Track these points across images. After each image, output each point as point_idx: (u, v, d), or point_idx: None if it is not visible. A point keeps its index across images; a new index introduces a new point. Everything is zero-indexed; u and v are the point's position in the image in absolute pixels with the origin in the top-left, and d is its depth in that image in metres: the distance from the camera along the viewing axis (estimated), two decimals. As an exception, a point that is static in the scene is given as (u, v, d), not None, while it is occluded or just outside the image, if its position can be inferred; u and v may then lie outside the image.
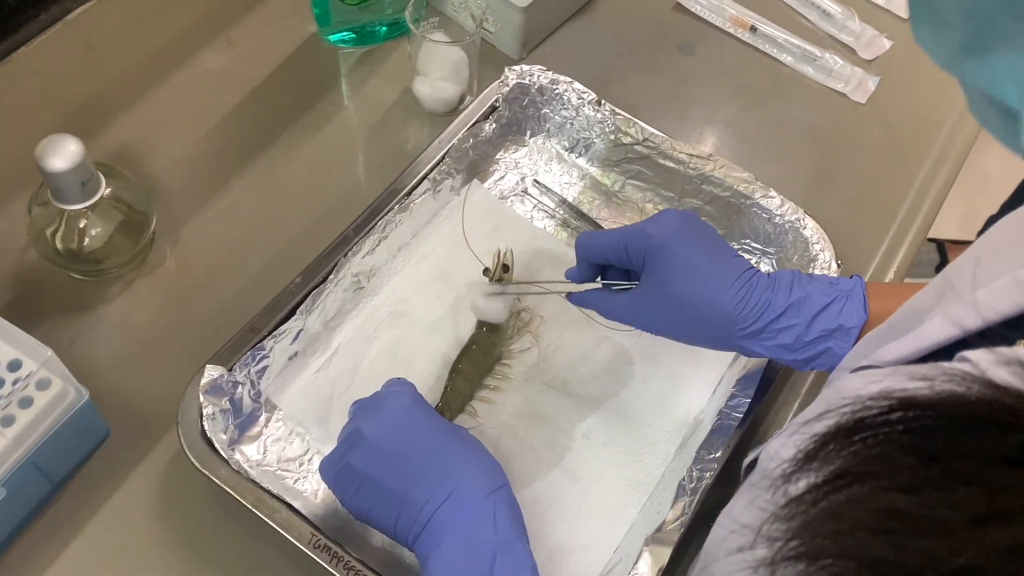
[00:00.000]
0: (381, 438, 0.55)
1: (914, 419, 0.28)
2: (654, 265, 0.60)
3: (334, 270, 0.69)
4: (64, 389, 0.59)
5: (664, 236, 0.60)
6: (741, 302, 0.58)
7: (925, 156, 0.90)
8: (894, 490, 0.27)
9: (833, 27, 0.97)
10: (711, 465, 0.63)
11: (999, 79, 0.27)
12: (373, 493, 0.55)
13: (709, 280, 0.59)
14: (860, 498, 0.27)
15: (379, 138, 0.84)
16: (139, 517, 0.64)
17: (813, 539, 0.27)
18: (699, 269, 0.59)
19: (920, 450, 0.27)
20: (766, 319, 0.58)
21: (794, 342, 0.58)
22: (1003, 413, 0.26)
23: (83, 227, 0.69)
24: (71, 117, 0.81)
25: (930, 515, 0.25)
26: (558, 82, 0.81)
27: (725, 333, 0.59)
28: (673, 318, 0.60)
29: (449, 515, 0.53)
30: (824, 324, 0.58)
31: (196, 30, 0.88)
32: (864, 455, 0.28)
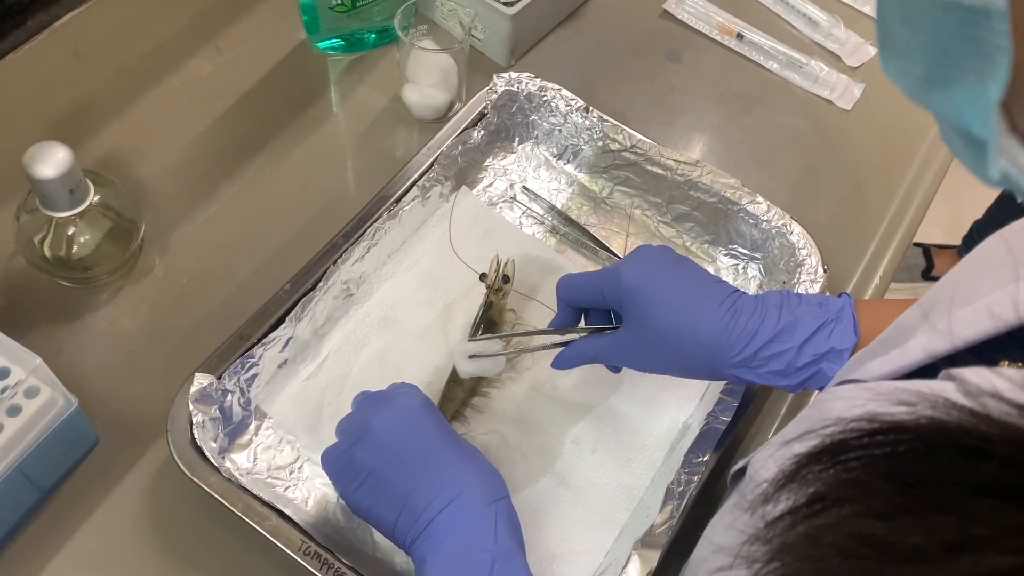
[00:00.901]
0: (390, 434, 0.55)
1: (894, 444, 0.28)
2: (631, 306, 0.60)
3: (323, 277, 0.69)
4: (53, 397, 0.59)
5: (638, 277, 0.60)
6: (727, 329, 0.58)
7: (911, 162, 0.91)
8: (870, 516, 0.27)
9: (819, 34, 0.98)
10: (699, 469, 0.64)
11: (962, 109, 0.27)
12: (376, 489, 0.55)
13: (691, 312, 0.58)
14: (836, 523, 0.28)
15: (368, 145, 0.85)
16: (128, 525, 0.64)
17: (791, 562, 0.28)
18: (679, 303, 0.59)
19: (897, 477, 0.27)
20: (755, 346, 0.58)
21: (785, 368, 0.58)
22: (980, 440, 0.26)
23: (71, 234, 0.69)
24: (59, 124, 0.81)
25: (903, 542, 0.25)
26: (546, 89, 0.81)
27: (715, 363, 0.59)
28: (661, 355, 0.60)
29: (450, 519, 0.53)
30: (815, 348, 0.57)
31: (184, 37, 0.88)
32: (842, 479, 0.29)
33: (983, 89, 0.25)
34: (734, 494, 0.49)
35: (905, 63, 0.29)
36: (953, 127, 0.29)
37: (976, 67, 0.25)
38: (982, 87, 0.25)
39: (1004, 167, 0.27)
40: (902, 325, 0.46)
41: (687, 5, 0.98)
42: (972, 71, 0.26)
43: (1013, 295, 0.38)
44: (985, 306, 0.38)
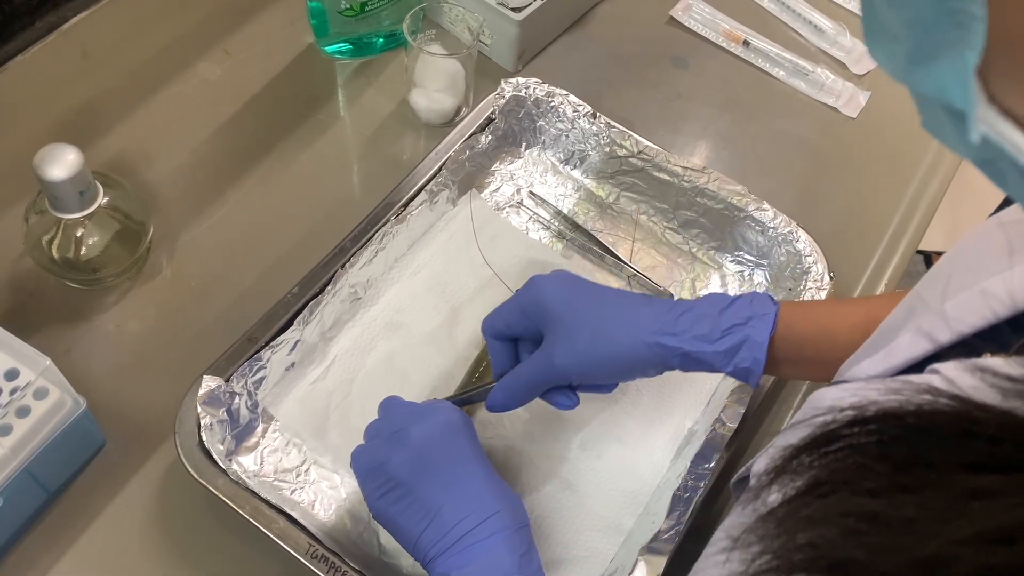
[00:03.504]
0: (429, 447, 0.55)
1: (885, 430, 0.29)
2: (552, 305, 0.60)
3: (331, 281, 0.69)
4: (62, 398, 0.59)
5: (551, 280, 0.61)
6: (647, 303, 0.59)
7: (916, 169, 0.91)
8: (864, 495, 0.28)
9: (825, 42, 0.98)
10: (705, 476, 0.64)
11: (945, 83, 0.28)
12: (404, 499, 0.54)
13: (610, 295, 0.60)
14: (831, 504, 0.28)
15: (375, 149, 0.85)
16: (135, 527, 0.64)
17: (786, 552, 0.28)
18: (596, 292, 0.61)
19: (890, 458, 0.28)
20: (677, 311, 0.58)
21: (710, 332, 0.58)
22: (968, 422, 0.27)
23: (80, 236, 0.69)
24: (67, 126, 0.81)
25: (898, 515, 0.26)
26: (554, 95, 0.81)
27: (638, 334, 0.58)
28: (589, 345, 0.59)
29: (482, 538, 0.53)
30: (736, 312, 0.58)
31: (193, 40, 0.89)
32: (835, 466, 0.29)
33: (962, 59, 0.27)
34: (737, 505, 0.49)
35: (891, 44, 0.30)
36: (936, 103, 0.30)
37: (955, 38, 0.27)
38: (961, 57, 0.27)
39: (984, 131, 0.28)
40: (888, 327, 0.46)
41: (694, 12, 0.98)
42: (952, 43, 0.27)
43: (1007, 282, 0.38)
44: (979, 294, 0.39)
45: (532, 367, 0.60)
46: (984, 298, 0.39)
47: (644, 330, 0.58)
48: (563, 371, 0.59)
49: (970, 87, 0.27)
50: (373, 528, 0.64)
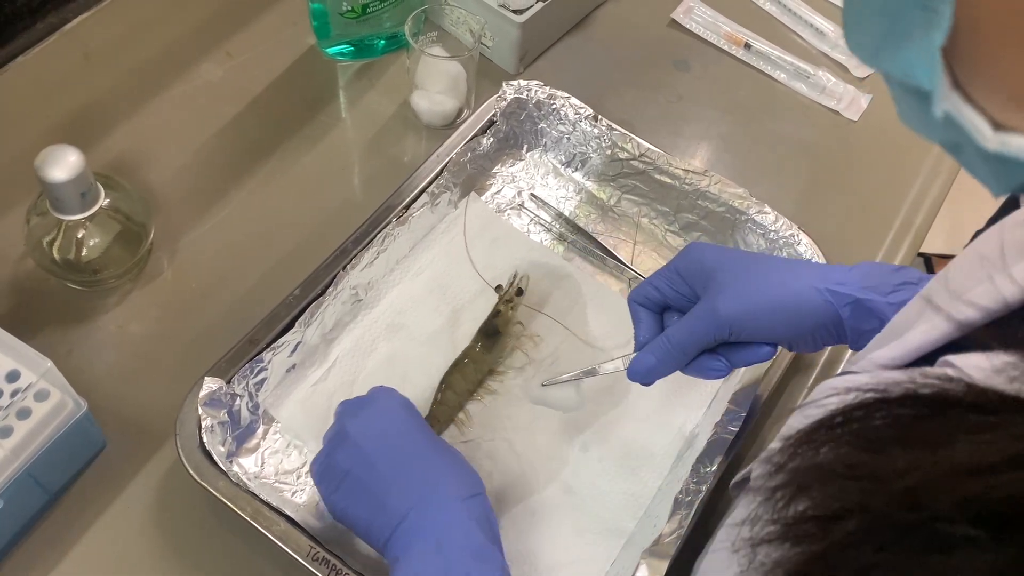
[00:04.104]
0: (365, 437, 0.56)
1: (891, 408, 0.30)
2: (713, 264, 0.57)
3: (333, 283, 0.69)
4: (63, 400, 0.59)
5: (708, 245, 0.60)
6: (811, 262, 0.58)
7: (917, 172, 0.91)
8: (860, 450, 0.29)
9: (826, 45, 0.98)
10: (707, 478, 0.64)
11: (912, 64, 0.30)
12: (353, 492, 0.55)
13: (771, 256, 0.60)
14: (829, 461, 0.30)
15: (377, 151, 0.85)
16: (136, 529, 0.64)
17: (785, 512, 0.29)
18: (757, 253, 0.60)
19: (892, 427, 0.29)
20: (844, 268, 0.56)
21: (880, 284, 0.55)
22: (977, 404, 0.28)
23: (81, 237, 0.69)
24: (69, 127, 0.81)
25: (889, 465, 0.28)
26: (555, 97, 0.81)
27: (809, 283, 0.56)
28: (751, 294, 0.56)
29: (420, 519, 0.52)
30: (908, 274, 0.56)
31: (195, 41, 0.89)
32: (840, 438, 0.30)
33: (928, 40, 0.29)
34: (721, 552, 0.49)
35: (864, 30, 0.33)
36: (904, 86, 0.32)
37: (924, 20, 0.29)
38: (927, 39, 0.29)
39: (946, 108, 0.30)
40: (899, 323, 0.46)
41: (695, 15, 0.98)
42: (920, 25, 0.29)
43: (1000, 284, 0.39)
44: (987, 279, 0.39)
45: (690, 320, 0.57)
46: (994, 286, 0.39)
47: (813, 279, 0.56)
48: (726, 319, 0.56)
49: (935, 66, 0.29)
50: (374, 530, 0.64)
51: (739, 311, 0.56)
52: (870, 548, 0.26)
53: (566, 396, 0.71)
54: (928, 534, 0.26)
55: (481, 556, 0.51)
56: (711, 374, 0.59)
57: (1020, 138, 0.29)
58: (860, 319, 0.55)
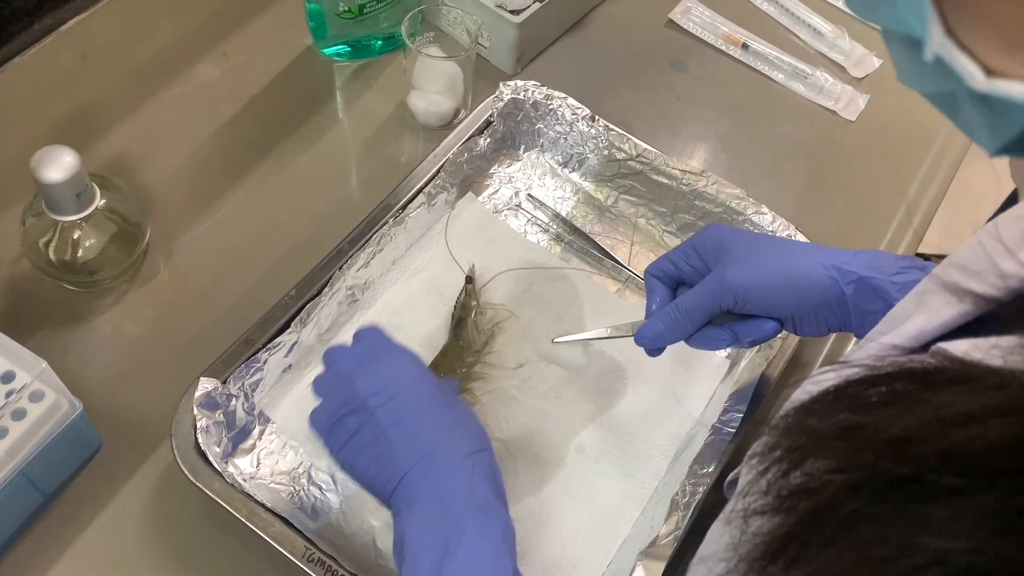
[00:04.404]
0: (374, 396, 0.55)
1: (884, 381, 0.31)
2: (729, 241, 0.59)
3: (329, 283, 0.69)
4: (58, 401, 0.59)
5: (726, 226, 0.62)
6: (823, 247, 0.59)
7: (915, 173, 0.91)
8: (851, 414, 0.30)
9: (824, 45, 0.98)
10: (704, 480, 0.63)
11: (904, 13, 0.32)
12: (359, 447, 0.55)
13: (785, 239, 0.61)
14: (821, 427, 0.31)
15: (373, 151, 0.85)
16: (131, 530, 0.63)
17: (781, 498, 0.30)
18: (772, 236, 0.62)
19: (883, 396, 0.30)
20: (852, 251, 0.58)
21: (887, 266, 0.56)
22: (970, 378, 0.29)
23: (77, 238, 0.69)
24: (65, 127, 0.81)
25: (876, 422, 0.29)
26: (552, 97, 0.81)
27: (818, 260, 0.57)
28: (759, 266, 0.58)
29: (424, 473, 0.53)
30: (914, 260, 0.57)
31: (191, 42, 0.89)
32: (833, 408, 0.31)
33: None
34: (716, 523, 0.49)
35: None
36: (900, 38, 0.34)
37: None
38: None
39: (938, 52, 0.31)
40: (903, 309, 0.46)
41: (693, 15, 0.98)
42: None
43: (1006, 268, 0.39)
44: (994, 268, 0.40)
45: (698, 289, 0.59)
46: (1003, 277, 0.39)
47: (820, 256, 0.58)
48: (732, 287, 0.58)
49: (926, 11, 0.30)
50: (369, 531, 0.64)
51: (745, 280, 0.58)
52: (856, 502, 0.27)
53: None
54: (913, 485, 0.26)
55: (484, 509, 0.52)
56: (716, 344, 0.61)
57: (1011, 82, 0.30)
58: (864, 298, 0.57)
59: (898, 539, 0.25)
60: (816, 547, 0.28)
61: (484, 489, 0.52)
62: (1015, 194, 0.49)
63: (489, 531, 0.51)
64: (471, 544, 0.50)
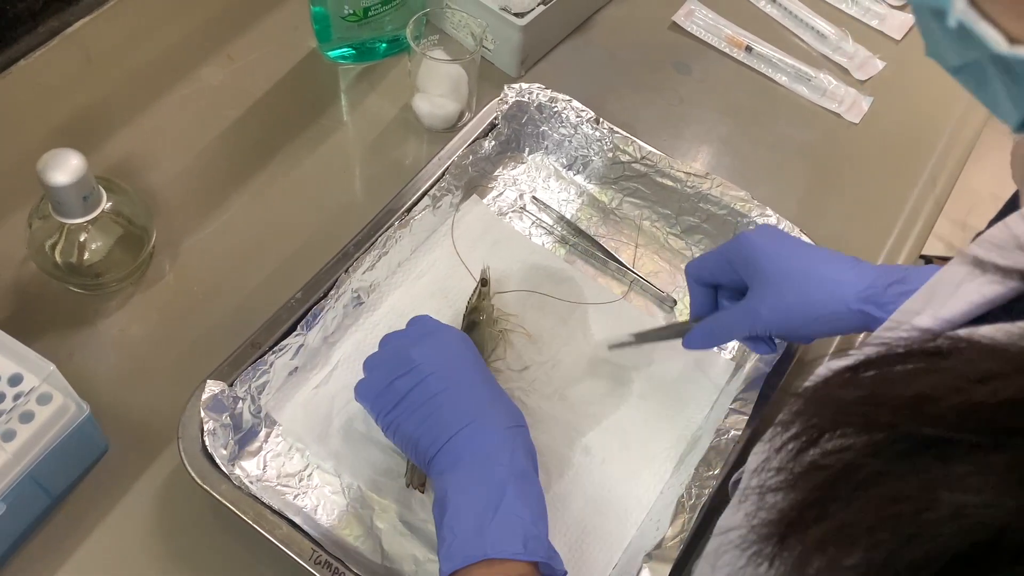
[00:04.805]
0: (427, 364, 0.60)
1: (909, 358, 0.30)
2: (759, 259, 0.62)
3: (335, 286, 0.69)
4: (65, 404, 0.59)
5: (760, 235, 0.63)
6: (853, 267, 0.60)
7: (918, 175, 0.91)
8: (867, 384, 0.31)
9: (827, 48, 0.98)
10: (710, 482, 0.64)
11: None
12: (407, 411, 0.59)
13: (818, 255, 0.62)
14: (842, 396, 0.31)
15: (378, 154, 0.85)
16: (138, 532, 0.64)
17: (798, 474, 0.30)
18: (804, 250, 0.62)
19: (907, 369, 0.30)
20: (883, 282, 0.58)
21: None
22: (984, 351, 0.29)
23: (83, 241, 0.69)
24: (71, 130, 0.81)
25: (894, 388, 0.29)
26: (557, 100, 0.81)
27: (845, 299, 0.59)
28: (791, 300, 0.61)
29: (469, 439, 0.56)
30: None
31: (196, 45, 0.89)
32: (856, 381, 0.31)
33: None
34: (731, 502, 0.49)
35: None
36: (924, 7, 0.35)
37: None
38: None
39: (960, 18, 0.32)
40: (904, 311, 0.46)
41: (696, 17, 0.99)
42: None
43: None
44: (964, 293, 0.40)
45: (738, 316, 0.63)
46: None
47: (851, 294, 0.59)
48: (767, 325, 0.62)
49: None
50: (376, 534, 0.64)
51: (779, 320, 0.61)
52: (876, 464, 0.27)
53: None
54: (932, 444, 0.26)
55: (523, 477, 0.55)
56: (761, 352, 0.68)
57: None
58: (859, 325, 0.60)
59: (917, 495, 0.26)
60: (836, 509, 0.28)
61: (523, 460, 0.56)
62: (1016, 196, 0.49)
63: (527, 497, 0.54)
64: (511, 505, 0.53)
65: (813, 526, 0.28)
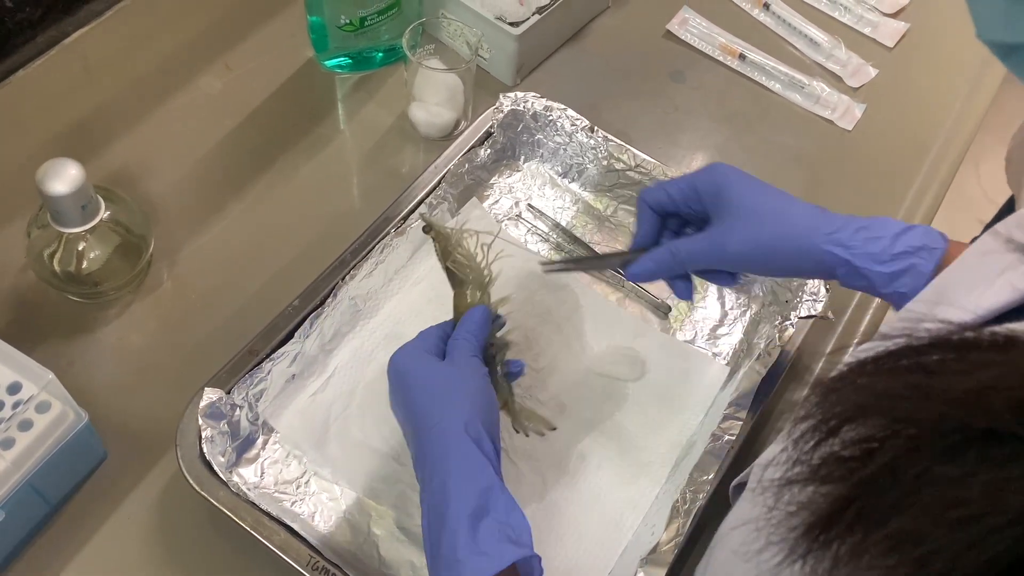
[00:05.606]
0: (392, 381, 0.59)
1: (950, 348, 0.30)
2: (728, 193, 0.60)
3: (332, 293, 0.70)
4: (64, 412, 0.59)
5: (732, 170, 0.61)
6: (823, 213, 0.59)
7: (911, 181, 0.92)
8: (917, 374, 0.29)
9: (820, 55, 0.99)
10: (705, 487, 0.64)
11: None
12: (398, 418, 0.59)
13: (787, 198, 0.60)
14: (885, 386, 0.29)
15: (375, 162, 0.86)
16: (136, 540, 0.64)
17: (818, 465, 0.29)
18: (774, 191, 0.61)
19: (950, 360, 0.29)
20: (852, 226, 0.58)
21: (880, 252, 0.57)
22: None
23: (82, 250, 0.69)
24: (69, 139, 0.82)
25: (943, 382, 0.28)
26: (552, 108, 0.82)
27: (813, 239, 0.58)
28: (757, 237, 0.59)
29: (422, 451, 0.55)
30: (909, 241, 0.57)
31: (194, 54, 0.89)
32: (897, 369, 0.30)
33: None
34: (747, 492, 0.49)
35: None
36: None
37: None
38: None
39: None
40: (947, 283, 0.46)
41: (690, 26, 0.99)
42: None
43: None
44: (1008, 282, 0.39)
45: (701, 246, 0.61)
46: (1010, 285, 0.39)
47: (821, 235, 0.58)
48: (731, 259, 0.60)
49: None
50: (373, 540, 0.64)
51: (745, 252, 0.59)
52: (921, 463, 0.26)
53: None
54: (986, 443, 0.25)
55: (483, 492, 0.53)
56: (682, 294, 0.65)
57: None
58: (851, 278, 0.59)
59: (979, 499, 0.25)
60: (884, 511, 0.26)
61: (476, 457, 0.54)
62: (1012, 201, 0.50)
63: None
64: None
65: (858, 528, 0.27)
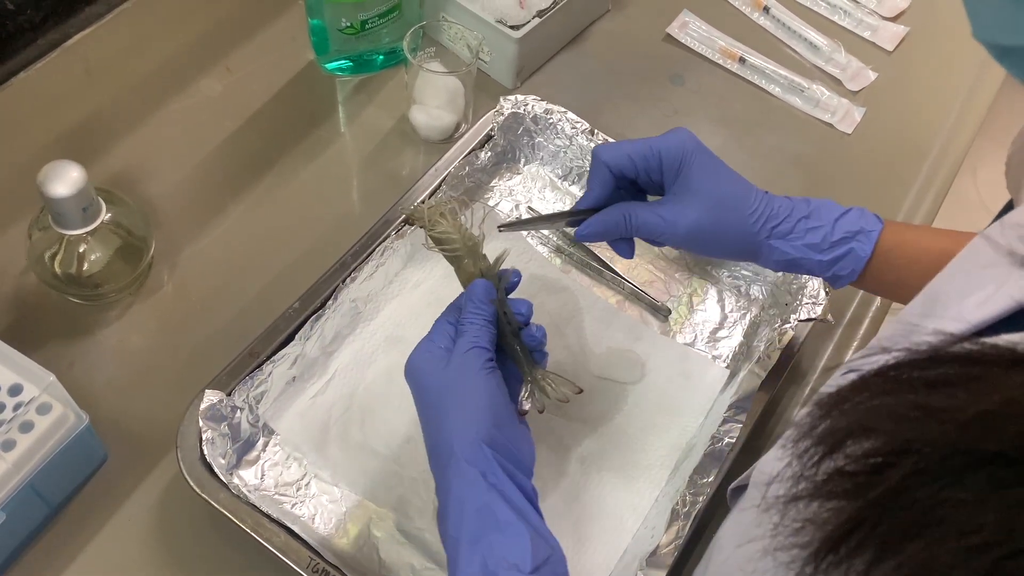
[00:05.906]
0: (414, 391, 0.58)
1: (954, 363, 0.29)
2: (692, 167, 0.61)
3: (332, 296, 0.70)
4: (64, 413, 0.59)
5: (699, 143, 0.63)
6: (770, 203, 0.62)
7: (910, 185, 0.92)
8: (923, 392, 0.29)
9: (820, 59, 0.99)
10: (704, 489, 0.64)
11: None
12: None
13: (743, 184, 0.63)
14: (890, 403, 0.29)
15: (375, 165, 0.86)
16: (137, 541, 0.64)
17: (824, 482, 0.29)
18: (733, 176, 0.63)
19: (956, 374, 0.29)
20: (794, 218, 0.62)
21: (820, 241, 0.61)
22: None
23: (82, 252, 0.69)
24: (70, 142, 0.82)
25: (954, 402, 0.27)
26: (552, 111, 0.82)
27: (758, 231, 0.61)
28: (711, 220, 0.61)
29: (440, 479, 0.54)
30: (847, 226, 0.62)
31: (195, 57, 0.90)
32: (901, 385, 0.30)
33: None
34: (742, 500, 0.49)
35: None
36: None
37: None
38: None
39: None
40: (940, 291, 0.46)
41: (690, 29, 1.00)
42: None
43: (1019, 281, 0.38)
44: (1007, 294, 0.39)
45: (651, 220, 0.62)
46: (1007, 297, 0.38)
47: (766, 228, 0.62)
48: (681, 236, 0.61)
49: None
50: (373, 542, 0.64)
51: (694, 236, 0.61)
52: (930, 487, 0.26)
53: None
54: (1000, 465, 0.25)
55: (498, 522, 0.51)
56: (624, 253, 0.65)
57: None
58: (790, 269, 0.64)
59: (995, 524, 0.24)
60: (897, 535, 0.26)
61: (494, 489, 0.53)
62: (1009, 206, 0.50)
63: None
64: None
65: (868, 551, 0.26)
